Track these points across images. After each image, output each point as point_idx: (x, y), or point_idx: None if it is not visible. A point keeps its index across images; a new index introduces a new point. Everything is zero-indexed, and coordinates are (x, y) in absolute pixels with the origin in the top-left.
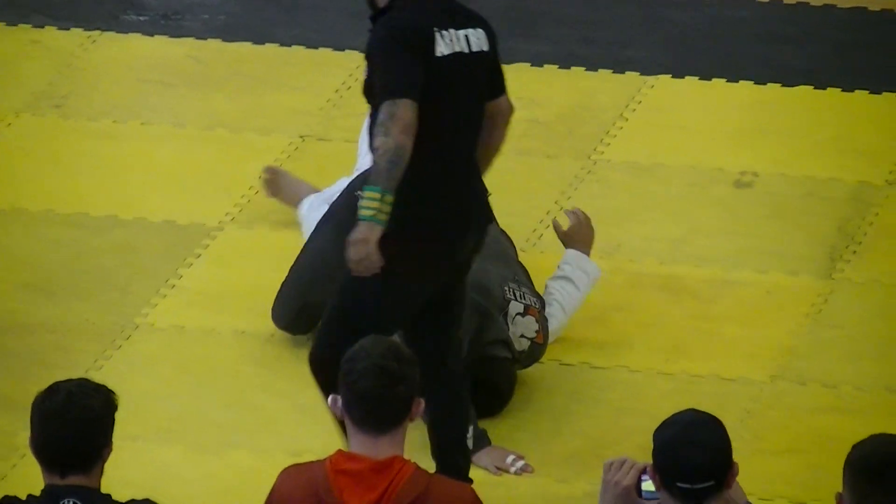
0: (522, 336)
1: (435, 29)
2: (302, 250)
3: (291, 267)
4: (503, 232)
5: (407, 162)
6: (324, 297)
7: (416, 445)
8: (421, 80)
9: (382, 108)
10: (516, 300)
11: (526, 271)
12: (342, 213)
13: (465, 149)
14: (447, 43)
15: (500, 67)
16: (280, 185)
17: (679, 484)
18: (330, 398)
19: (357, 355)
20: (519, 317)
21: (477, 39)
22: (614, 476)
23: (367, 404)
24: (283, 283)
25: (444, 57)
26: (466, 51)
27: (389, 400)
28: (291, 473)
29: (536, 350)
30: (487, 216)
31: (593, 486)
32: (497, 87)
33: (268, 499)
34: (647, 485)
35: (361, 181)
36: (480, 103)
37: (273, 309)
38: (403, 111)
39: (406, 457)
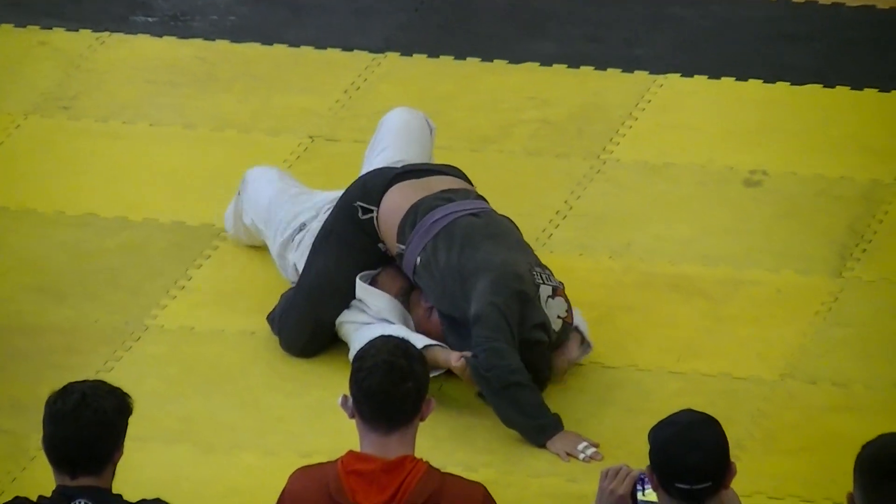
0: (557, 317)
1: None
2: (303, 273)
3: (295, 291)
4: (509, 219)
5: None
6: (335, 315)
7: (426, 445)
8: None
9: None
10: (545, 283)
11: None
12: (341, 227)
13: None
14: None
15: None
16: None
17: (677, 484)
18: (341, 397)
19: (366, 353)
20: (550, 299)
21: None
22: (610, 484)
23: (376, 401)
24: (288, 309)
25: None
26: None
27: (398, 397)
28: (303, 475)
29: (567, 330)
30: None
31: None
32: None
33: (279, 500)
34: (645, 494)
35: (355, 192)
36: None
37: (282, 338)
38: None
39: (417, 455)
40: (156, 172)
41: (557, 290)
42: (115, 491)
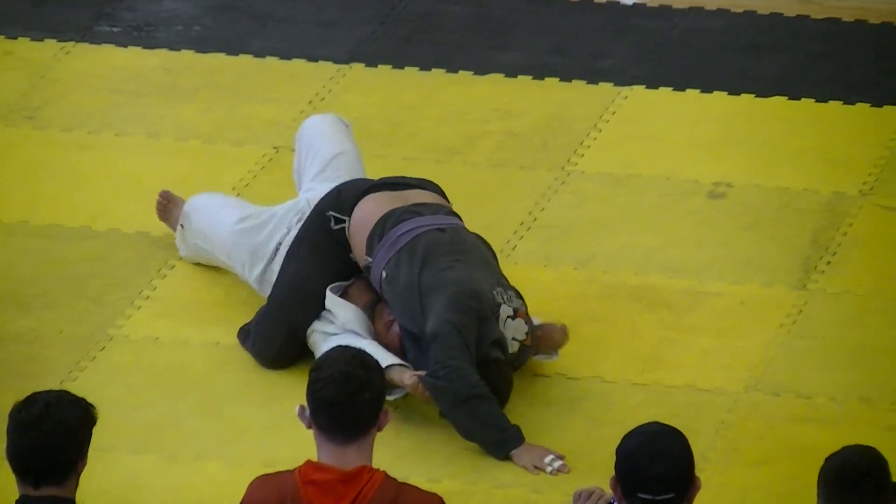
0: (514, 339)
1: None
2: (277, 281)
3: (269, 300)
4: (479, 237)
5: None
6: (307, 322)
7: (390, 456)
8: None
9: None
10: (505, 303)
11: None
12: (314, 235)
13: None
14: None
15: None
16: (171, 212)
17: (640, 494)
18: (298, 407)
19: (322, 364)
20: (510, 320)
21: None
22: None
23: (333, 411)
24: (262, 319)
25: None
26: None
27: (355, 407)
28: (261, 485)
29: (525, 353)
30: None
31: (567, 497)
32: None
33: None
34: None
35: (329, 202)
36: None
37: (256, 348)
38: None
39: (375, 466)
40: (120, 182)
41: (518, 312)
42: (78, 501)
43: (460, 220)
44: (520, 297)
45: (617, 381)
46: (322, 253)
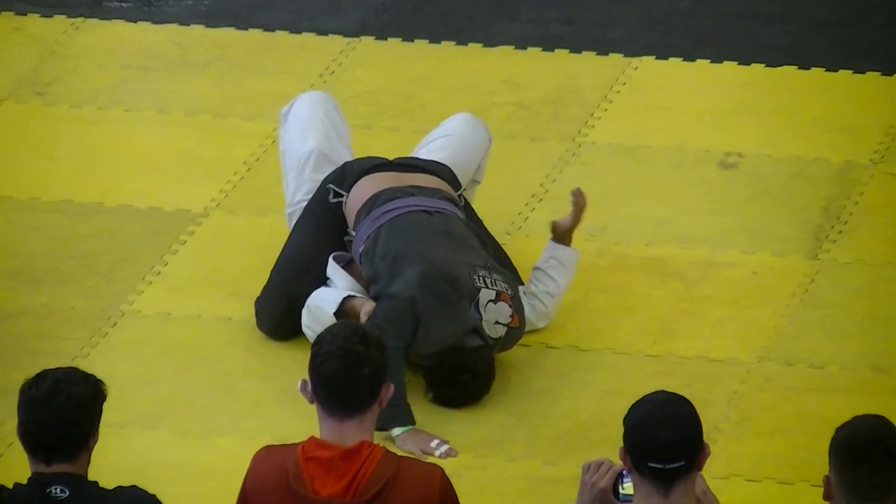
0: (497, 322)
1: None
2: (282, 250)
3: (272, 269)
4: (474, 221)
5: None
6: (306, 292)
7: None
8: None
9: None
10: (487, 287)
11: (503, 255)
12: (316, 207)
13: None
14: None
15: None
16: None
17: (650, 464)
18: (300, 382)
19: (323, 339)
20: (491, 304)
21: None
22: (591, 477)
23: (333, 387)
24: (265, 288)
25: None
26: None
27: (354, 383)
28: (265, 459)
29: (513, 334)
30: None
31: (580, 469)
32: None
33: (243, 482)
34: (624, 487)
35: (333, 176)
36: None
37: (258, 317)
38: None
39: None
40: (131, 158)
41: (501, 296)
42: (91, 476)
43: (458, 207)
44: (512, 280)
45: (629, 352)
46: (320, 226)
